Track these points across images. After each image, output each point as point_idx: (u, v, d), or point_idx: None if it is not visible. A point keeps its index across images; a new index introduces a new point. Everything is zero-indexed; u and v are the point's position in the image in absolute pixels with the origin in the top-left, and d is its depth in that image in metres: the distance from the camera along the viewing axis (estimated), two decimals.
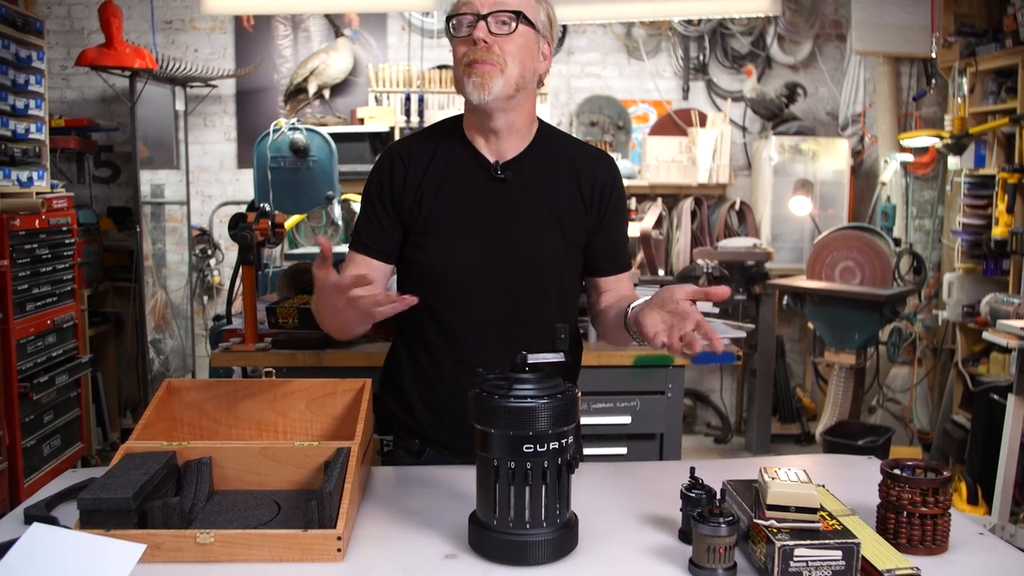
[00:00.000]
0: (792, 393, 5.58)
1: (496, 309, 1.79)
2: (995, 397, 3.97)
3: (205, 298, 5.69)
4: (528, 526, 1.36)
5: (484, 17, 1.66)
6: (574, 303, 1.94)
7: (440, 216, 1.78)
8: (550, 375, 1.39)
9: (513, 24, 1.68)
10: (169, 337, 5.56)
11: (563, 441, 1.37)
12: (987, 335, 4.02)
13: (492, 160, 1.79)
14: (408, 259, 1.84)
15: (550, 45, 1.80)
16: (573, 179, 1.82)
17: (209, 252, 5.64)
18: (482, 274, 1.78)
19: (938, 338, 5.24)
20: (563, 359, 1.41)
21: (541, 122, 1.87)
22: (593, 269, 1.90)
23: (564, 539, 1.39)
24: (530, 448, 1.34)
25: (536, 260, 1.79)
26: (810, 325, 5.16)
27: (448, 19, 1.72)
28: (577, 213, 1.82)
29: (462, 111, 1.82)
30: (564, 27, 5.57)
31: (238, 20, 5.51)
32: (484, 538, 1.39)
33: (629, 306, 1.65)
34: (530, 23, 1.71)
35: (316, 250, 3.74)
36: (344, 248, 3.63)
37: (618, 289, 1.90)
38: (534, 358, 1.39)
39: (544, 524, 1.37)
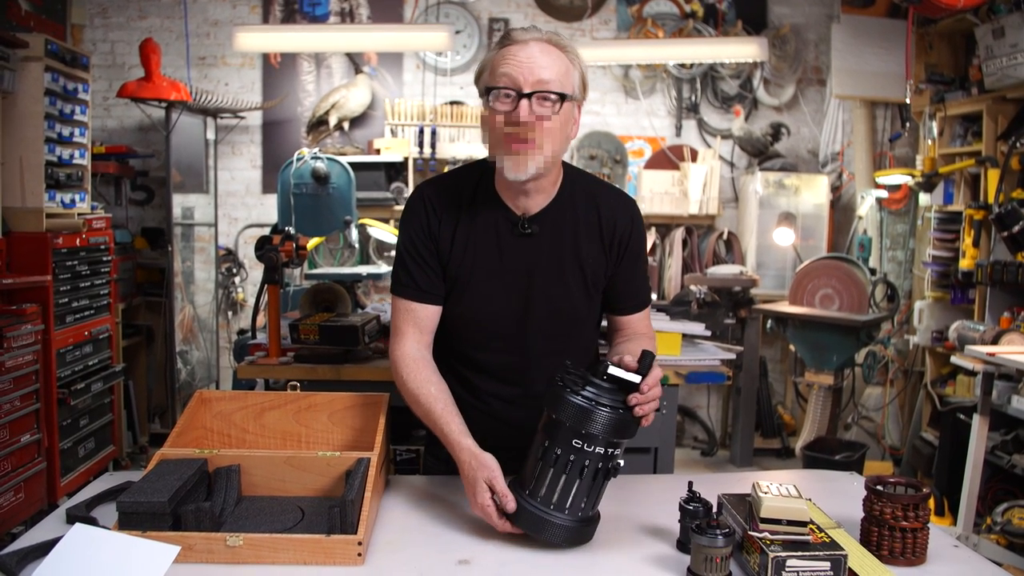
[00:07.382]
0: (774, 410, 5.56)
1: (523, 352, 1.76)
2: (961, 416, 3.96)
3: (229, 313, 5.68)
4: (552, 508, 1.40)
5: (527, 96, 1.53)
6: (594, 340, 1.90)
7: (470, 270, 1.72)
8: (620, 392, 1.41)
9: (556, 106, 1.55)
10: (195, 349, 5.55)
11: (611, 450, 1.39)
12: (954, 359, 4.01)
13: (519, 214, 1.70)
14: None
15: (580, 107, 1.68)
16: (595, 223, 1.73)
17: (234, 271, 5.63)
18: (510, 323, 1.74)
19: (909, 361, 5.24)
20: (639, 380, 1.41)
21: (565, 167, 1.75)
22: (613, 307, 1.84)
23: (580, 531, 1.42)
24: (579, 444, 1.38)
25: (560, 308, 1.74)
26: (791, 347, 5.16)
27: (488, 88, 1.58)
28: (598, 257, 1.75)
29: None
30: None
31: (266, 57, 5.55)
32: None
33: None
34: (570, 99, 1.58)
35: (333, 270, 3.74)
36: (361, 269, 3.65)
37: (634, 327, 1.84)
38: (614, 371, 1.41)
39: (567, 512, 1.40)
